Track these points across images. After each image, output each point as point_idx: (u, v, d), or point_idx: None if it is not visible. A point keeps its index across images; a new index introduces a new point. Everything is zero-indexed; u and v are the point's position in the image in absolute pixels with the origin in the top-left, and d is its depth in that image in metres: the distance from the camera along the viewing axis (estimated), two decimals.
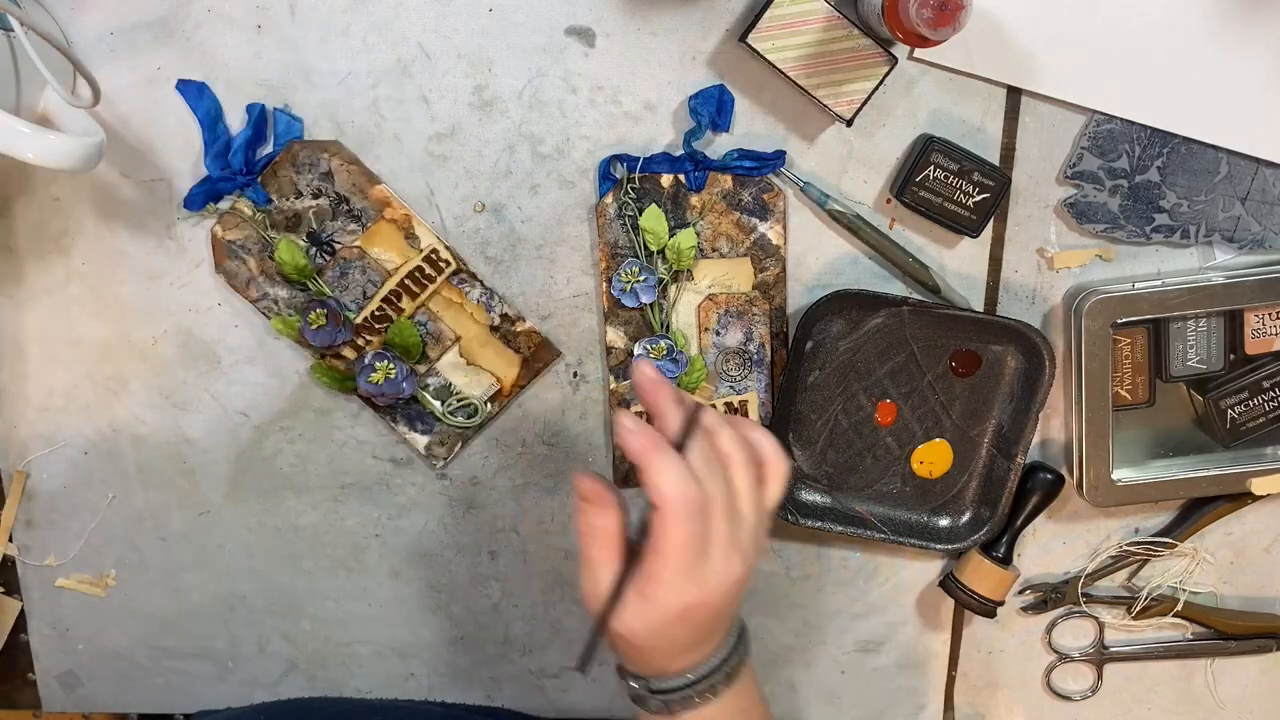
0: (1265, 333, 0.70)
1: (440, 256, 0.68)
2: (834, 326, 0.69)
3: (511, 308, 0.69)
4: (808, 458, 0.71)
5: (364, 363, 0.68)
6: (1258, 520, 0.76)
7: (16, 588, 0.75)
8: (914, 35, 0.58)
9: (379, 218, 0.67)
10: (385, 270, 0.68)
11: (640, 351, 0.69)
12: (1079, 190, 0.68)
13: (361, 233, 0.68)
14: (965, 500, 0.72)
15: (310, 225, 0.67)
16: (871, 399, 0.70)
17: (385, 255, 0.68)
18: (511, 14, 0.65)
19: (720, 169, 0.67)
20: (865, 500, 0.72)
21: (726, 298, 0.69)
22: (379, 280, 0.68)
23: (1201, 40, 0.65)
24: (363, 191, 0.67)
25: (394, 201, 0.67)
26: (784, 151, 0.67)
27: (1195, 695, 0.80)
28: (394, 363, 0.68)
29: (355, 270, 0.68)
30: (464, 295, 0.69)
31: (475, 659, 0.78)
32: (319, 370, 0.69)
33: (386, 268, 0.68)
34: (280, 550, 0.75)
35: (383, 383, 0.68)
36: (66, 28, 0.64)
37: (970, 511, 0.72)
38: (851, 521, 0.71)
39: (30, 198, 0.67)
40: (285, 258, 0.67)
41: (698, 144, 0.66)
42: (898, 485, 0.72)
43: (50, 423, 0.71)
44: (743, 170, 0.67)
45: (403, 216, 0.67)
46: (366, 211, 0.67)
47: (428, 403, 0.70)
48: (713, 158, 0.67)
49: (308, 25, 0.65)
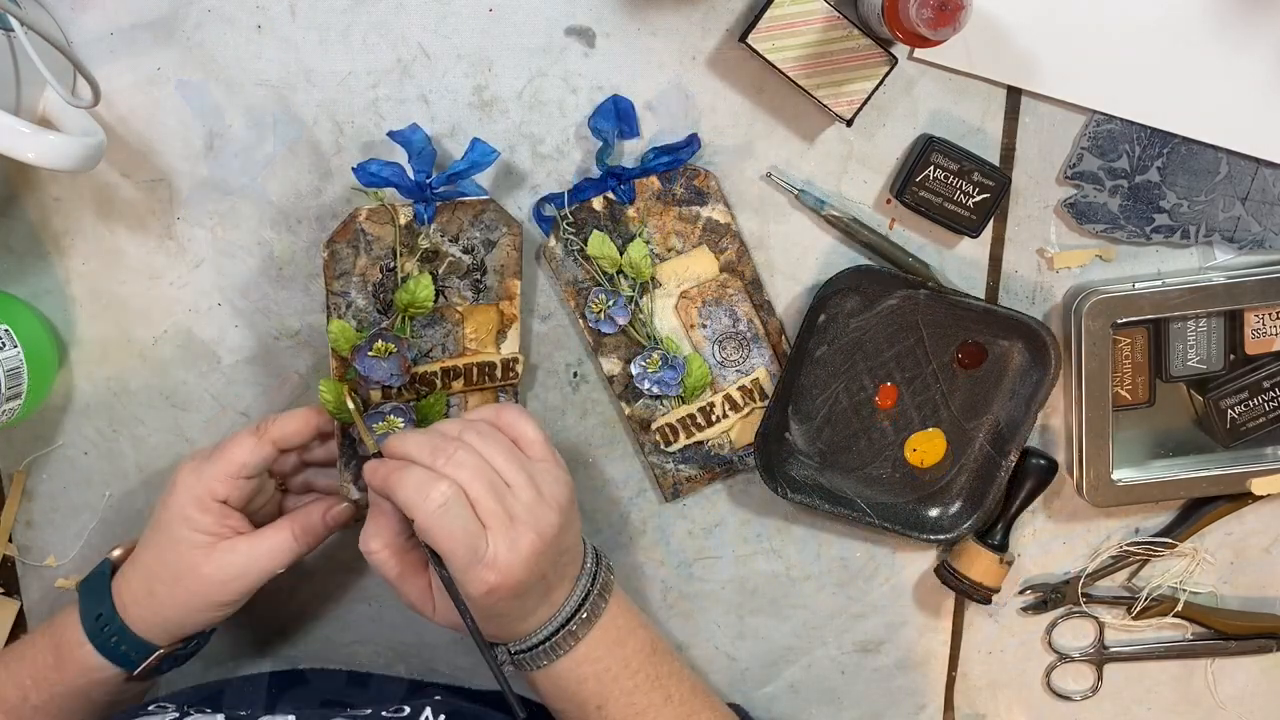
0: (1265, 333, 0.70)
1: (514, 367, 0.68)
2: (848, 303, 0.69)
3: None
4: (804, 433, 0.71)
5: (382, 409, 0.65)
6: (1258, 520, 0.76)
7: (16, 588, 0.75)
8: (914, 35, 0.58)
9: (494, 304, 0.67)
10: (463, 347, 0.67)
11: (636, 370, 0.69)
12: (1079, 190, 0.68)
13: (469, 305, 0.67)
14: (953, 492, 0.72)
15: (438, 269, 0.66)
16: (875, 380, 0.70)
17: (473, 336, 0.67)
18: (511, 14, 0.65)
19: (642, 174, 0.67)
20: (856, 482, 0.72)
21: (699, 290, 0.69)
22: (452, 350, 0.67)
23: (1201, 40, 0.65)
24: (502, 275, 0.66)
25: (515, 301, 0.67)
26: (696, 135, 0.66)
27: (1195, 695, 0.80)
28: (406, 424, 0.65)
29: (440, 329, 0.66)
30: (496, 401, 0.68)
31: (475, 659, 0.78)
32: (331, 387, 0.64)
33: (465, 344, 0.67)
34: None
35: (381, 434, 0.64)
36: (66, 28, 0.64)
37: (958, 503, 0.72)
38: (839, 501, 0.71)
39: (30, 198, 0.67)
40: (414, 289, 0.64)
41: (611, 159, 0.66)
42: (888, 470, 0.72)
43: (50, 423, 0.71)
44: (663, 167, 0.67)
45: (511, 315, 0.67)
46: (489, 291, 0.67)
47: None
48: (631, 165, 0.67)
49: (308, 25, 0.65)
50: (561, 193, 0.67)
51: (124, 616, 0.61)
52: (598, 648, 0.60)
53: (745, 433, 0.71)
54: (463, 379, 0.67)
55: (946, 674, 0.79)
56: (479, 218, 0.65)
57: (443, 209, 0.65)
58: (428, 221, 0.65)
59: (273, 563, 0.61)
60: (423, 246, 0.65)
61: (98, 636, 0.61)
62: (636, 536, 0.74)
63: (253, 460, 0.60)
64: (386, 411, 0.65)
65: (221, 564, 0.60)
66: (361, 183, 0.63)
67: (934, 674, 0.79)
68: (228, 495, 0.60)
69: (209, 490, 0.60)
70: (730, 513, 0.74)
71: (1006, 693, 0.79)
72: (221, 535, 0.61)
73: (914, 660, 0.78)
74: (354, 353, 0.64)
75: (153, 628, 0.62)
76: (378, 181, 0.63)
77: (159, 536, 0.61)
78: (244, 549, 0.61)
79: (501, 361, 0.67)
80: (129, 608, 0.61)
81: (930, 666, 0.78)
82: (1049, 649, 0.78)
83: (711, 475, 0.72)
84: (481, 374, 0.67)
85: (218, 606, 0.62)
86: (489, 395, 0.68)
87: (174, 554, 0.61)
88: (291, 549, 0.62)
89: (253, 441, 0.61)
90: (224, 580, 0.61)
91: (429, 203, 0.64)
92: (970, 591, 0.72)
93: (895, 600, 0.77)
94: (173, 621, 0.62)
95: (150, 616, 0.61)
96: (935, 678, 0.79)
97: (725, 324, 0.70)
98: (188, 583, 0.60)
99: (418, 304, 0.65)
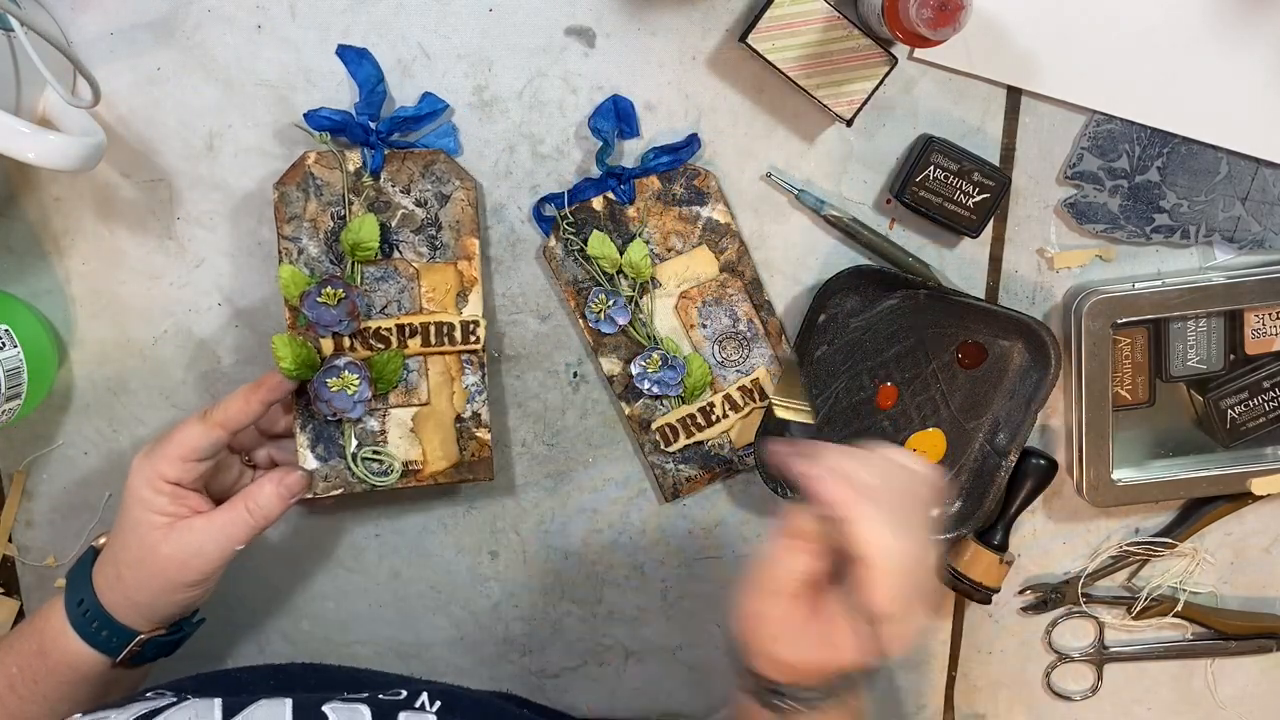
0: (1265, 333, 0.70)
1: (474, 330, 0.66)
2: (849, 302, 0.69)
3: (487, 412, 0.67)
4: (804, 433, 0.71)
5: (335, 364, 0.64)
6: (1258, 520, 0.76)
7: (16, 588, 0.75)
8: (914, 35, 0.58)
9: (451, 262, 0.66)
10: (420, 305, 0.66)
11: (637, 370, 0.69)
12: (1079, 190, 0.68)
13: (425, 261, 0.66)
14: (953, 492, 0.72)
15: (389, 220, 0.65)
16: (875, 380, 0.70)
17: (430, 294, 0.66)
18: (511, 14, 0.65)
19: (642, 174, 0.67)
20: None
21: (698, 289, 0.69)
22: (408, 308, 0.66)
23: (1201, 40, 0.65)
24: (458, 232, 0.66)
25: (474, 261, 0.66)
26: (696, 135, 0.67)
27: (1195, 695, 0.80)
28: (362, 381, 0.64)
29: (394, 284, 0.65)
30: (461, 373, 0.67)
31: (475, 659, 0.78)
32: (285, 343, 0.63)
33: (423, 303, 0.66)
34: (280, 550, 0.75)
35: (338, 392, 0.64)
36: (66, 28, 0.64)
37: (958, 503, 0.72)
38: None
39: (30, 198, 0.67)
40: (359, 229, 0.64)
41: (611, 159, 0.66)
42: None
43: (50, 422, 0.71)
44: (663, 167, 0.67)
45: (470, 277, 0.66)
46: (446, 249, 0.66)
47: (348, 435, 0.66)
48: (631, 165, 0.67)
49: (308, 25, 0.65)
50: (561, 193, 0.67)
51: (102, 602, 0.62)
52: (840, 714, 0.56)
53: (745, 433, 0.71)
54: (419, 338, 0.66)
55: (946, 674, 0.79)
56: (429, 169, 0.65)
57: (392, 158, 0.64)
58: (376, 168, 0.64)
59: (229, 539, 0.62)
60: (364, 190, 0.64)
61: (80, 623, 0.62)
62: (636, 536, 0.74)
63: (202, 444, 0.61)
64: (341, 366, 0.64)
65: (179, 543, 0.61)
66: (312, 126, 0.63)
67: (934, 674, 0.79)
68: (179, 478, 0.61)
69: (159, 473, 0.61)
70: (730, 513, 0.74)
71: (1006, 693, 0.79)
72: (179, 515, 0.61)
73: (914, 660, 0.78)
74: (303, 299, 0.63)
75: (129, 613, 0.62)
76: (327, 125, 0.64)
77: (122, 521, 0.62)
78: (200, 527, 0.61)
79: (461, 323, 0.66)
80: (104, 593, 0.62)
81: (930, 666, 0.78)
82: (1049, 649, 0.78)
83: (711, 475, 0.72)
84: (440, 335, 0.66)
85: (182, 587, 0.62)
86: (452, 362, 0.67)
87: (134, 536, 0.61)
88: (247, 523, 0.62)
89: (200, 426, 0.61)
90: (183, 559, 0.61)
91: (375, 148, 0.64)
92: (970, 591, 0.72)
93: None
94: (144, 605, 0.62)
95: (123, 601, 0.62)
96: (935, 678, 0.79)
97: (725, 324, 0.70)
98: (149, 564, 0.61)
99: (363, 245, 0.64)
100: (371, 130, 0.64)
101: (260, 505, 0.62)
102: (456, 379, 0.67)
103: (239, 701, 0.55)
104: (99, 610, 0.62)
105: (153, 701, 0.55)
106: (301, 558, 0.75)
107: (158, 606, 0.63)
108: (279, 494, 0.63)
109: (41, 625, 0.63)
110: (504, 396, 0.72)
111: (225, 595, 0.76)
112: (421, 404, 0.67)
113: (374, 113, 0.64)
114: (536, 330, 0.70)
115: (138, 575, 0.61)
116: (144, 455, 0.62)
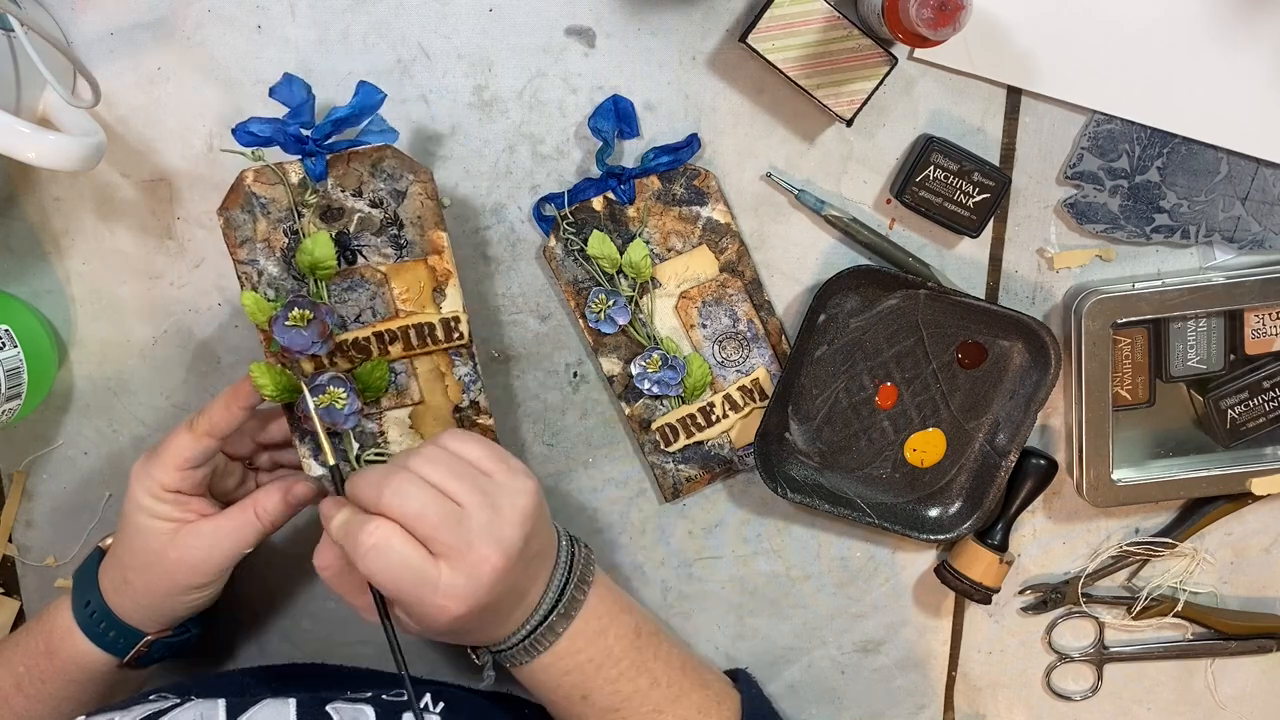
0: (1265, 333, 0.70)
1: (457, 327, 0.63)
2: (848, 302, 0.69)
3: (485, 399, 0.65)
4: (804, 433, 0.71)
5: (318, 381, 0.62)
6: (1258, 520, 0.76)
7: (16, 588, 0.75)
8: (914, 35, 0.58)
9: (420, 259, 0.63)
10: (395, 308, 0.63)
11: (636, 370, 0.69)
12: (1079, 190, 0.68)
13: (393, 263, 0.63)
14: (953, 492, 0.72)
15: (346, 227, 0.62)
16: (875, 380, 0.70)
17: (404, 295, 0.63)
18: (511, 14, 0.65)
19: (642, 174, 0.67)
20: (855, 482, 0.72)
21: (699, 289, 0.69)
22: (383, 313, 0.63)
23: (1201, 40, 0.65)
24: (422, 228, 0.62)
25: (445, 254, 0.63)
26: (696, 135, 0.67)
27: (1195, 695, 0.80)
28: (349, 394, 0.62)
29: (364, 291, 0.63)
30: (451, 367, 0.65)
31: None
32: (264, 371, 0.60)
33: (398, 305, 0.63)
34: (280, 550, 0.75)
35: (326, 408, 0.62)
36: (66, 28, 0.64)
37: (958, 503, 0.72)
38: (839, 501, 0.71)
39: (30, 198, 0.67)
40: (312, 249, 0.61)
41: (611, 159, 0.66)
42: (888, 470, 0.72)
43: (50, 422, 0.71)
44: (663, 167, 0.67)
45: (444, 271, 0.63)
46: (412, 247, 0.62)
47: (347, 441, 0.64)
48: (631, 165, 0.67)
49: (308, 25, 0.65)
50: (561, 193, 0.67)
51: (109, 605, 0.62)
52: (578, 640, 0.60)
53: (745, 433, 0.71)
54: (401, 342, 0.63)
55: (946, 674, 0.79)
56: (378, 166, 0.61)
57: (336, 161, 0.61)
58: (320, 176, 0.61)
59: (237, 543, 0.62)
60: (311, 202, 0.61)
61: (87, 624, 0.62)
62: (636, 536, 0.74)
63: (194, 453, 0.60)
64: (325, 383, 0.62)
65: (187, 548, 0.61)
66: (241, 144, 0.60)
67: (934, 674, 0.79)
68: (179, 486, 0.61)
69: (158, 483, 0.60)
70: (730, 513, 0.74)
71: (1006, 693, 0.79)
72: (185, 520, 0.61)
73: (914, 660, 0.78)
74: (271, 324, 0.60)
75: (136, 615, 0.62)
76: (258, 141, 0.60)
77: (126, 527, 0.62)
78: (208, 531, 0.61)
79: (441, 321, 0.63)
80: (110, 596, 0.62)
81: (930, 666, 0.78)
82: (1049, 649, 0.78)
83: (711, 475, 0.72)
84: (422, 336, 0.63)
85: (191, 590, 0.62)
86: (440, 359, 0.65)
87: (141, 543, 0.61)
88: (255, 528, 0.62)
89: (189, 436, 0.60)
90: (191, 564, 0.61)
91: (316, 156, 0.60)
92: (970, 591, 0.72)
93: (895, 600, 0.77)
94: (151, 608, 0.62)
95: (130, 604, 0.62)
96: (935, 678, 0.79)
97: (725, 324, 0.70)
98: (157, 569, 0.61)
99: (321, 264, 0.61)
100: (306, 137, 0.60)
101: (268, 511, 0.62)
102: (448, 373, 0.65)
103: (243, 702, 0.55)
104: (106, 612, 0.62)
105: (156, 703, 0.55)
106: (302, 558, 0.75)
107: (165, 608, 0.63)
108: (287, 503, 0.63)
109: (48, 625, 0.63)
110: (504, 396, 0.72)
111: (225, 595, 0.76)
112: (416, 403, 0.65)
113: (306, 120, 0.61)
114: (536, 330, 0.70)
115: (145, 579, 0.62)
116: (142, 464, 0.61)
